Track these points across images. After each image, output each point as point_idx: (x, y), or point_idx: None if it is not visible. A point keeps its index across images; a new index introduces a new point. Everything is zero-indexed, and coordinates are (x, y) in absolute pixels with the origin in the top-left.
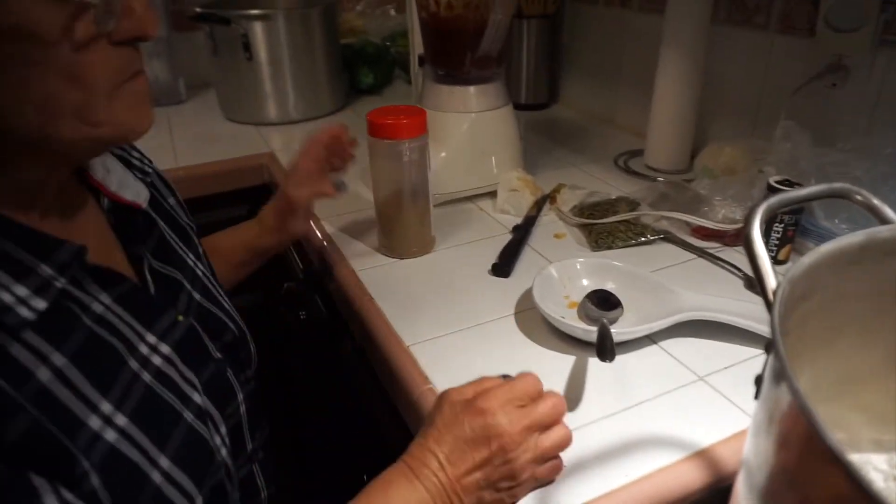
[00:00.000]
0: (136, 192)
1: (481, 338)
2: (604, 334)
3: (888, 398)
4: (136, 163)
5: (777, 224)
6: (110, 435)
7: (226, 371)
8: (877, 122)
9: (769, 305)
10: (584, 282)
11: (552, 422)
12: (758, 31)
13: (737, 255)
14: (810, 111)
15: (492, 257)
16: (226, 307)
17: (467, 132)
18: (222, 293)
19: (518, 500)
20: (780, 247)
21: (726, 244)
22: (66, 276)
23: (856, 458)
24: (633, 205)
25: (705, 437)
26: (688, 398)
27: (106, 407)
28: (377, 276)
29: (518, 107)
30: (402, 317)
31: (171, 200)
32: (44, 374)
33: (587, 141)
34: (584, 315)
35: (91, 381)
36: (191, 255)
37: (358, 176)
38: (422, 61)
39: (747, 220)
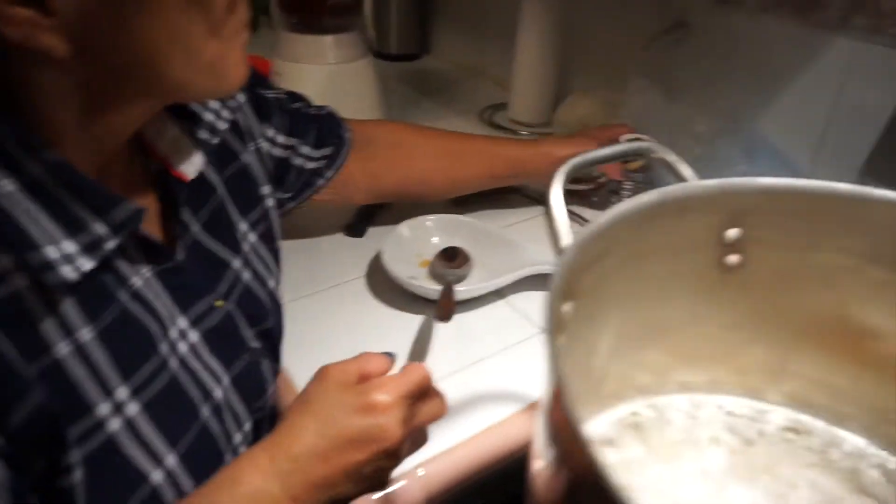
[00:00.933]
0: (186, 161)
1: (331, 301)
2: (445, 294)
3: (694, 343)
4: (210, 117)
5: (627, 183)
6: (114, 425)
7: (260, 363)
8: (713, 79)
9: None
10: (435, 239)
11: (432, 421)
12: None
13: (589, 211)
14: (658, 67)
15: (347, 217)
16: (271, 288)
17: (324, 85)
18: (273, 268)
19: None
20: None
21: (581, 198)
22: (119, 237)
23: (661, 399)
24: None
25: (542, 388)
26: (528, 351)
27: (121, 393)
28: None
29: (388, 57)
30: None
31: (261, 143)
32: (63, 349)
33: (456, 93)
34: (433, 273)
35: (114, 363)
36: (249, 225)
37: None
38: None
39: (552, 181)
